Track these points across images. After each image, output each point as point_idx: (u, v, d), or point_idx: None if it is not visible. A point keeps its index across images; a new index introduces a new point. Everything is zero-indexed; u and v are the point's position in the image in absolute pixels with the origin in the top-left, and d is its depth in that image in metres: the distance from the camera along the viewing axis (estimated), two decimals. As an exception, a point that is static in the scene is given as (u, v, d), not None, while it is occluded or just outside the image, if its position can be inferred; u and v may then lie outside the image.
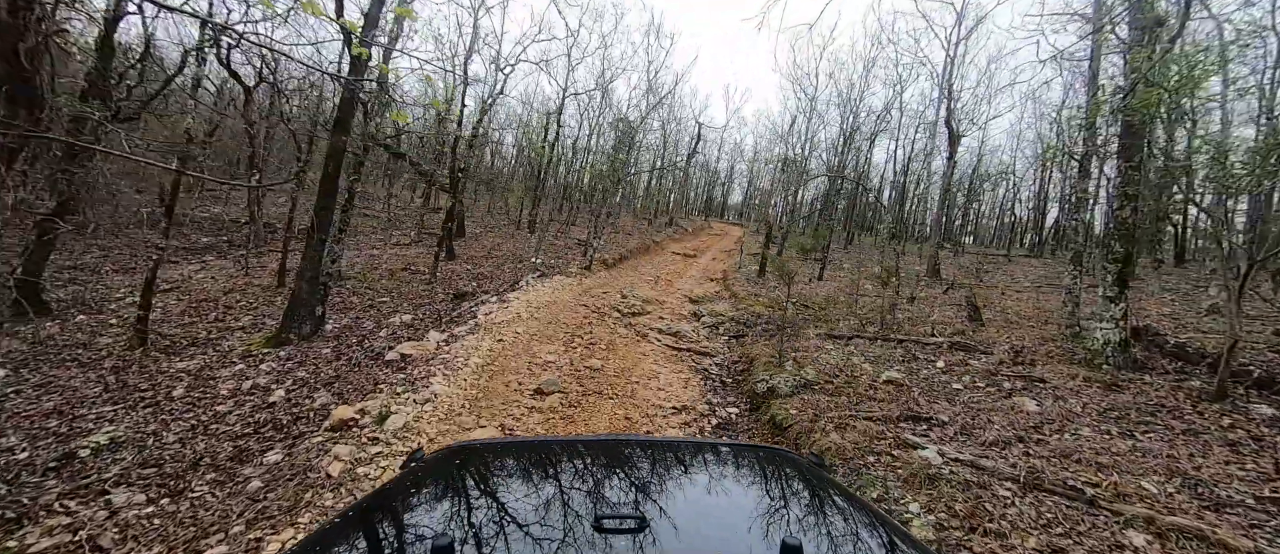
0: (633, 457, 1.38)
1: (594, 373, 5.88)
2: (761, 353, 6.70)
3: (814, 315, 9.40)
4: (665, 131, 26.62)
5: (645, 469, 1.29)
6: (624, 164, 14.05)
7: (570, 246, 15.72)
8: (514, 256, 13.13)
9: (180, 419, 4.28)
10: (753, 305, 10.14)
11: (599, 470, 1.27)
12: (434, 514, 1.06)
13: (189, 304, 7.81)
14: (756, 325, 8.72)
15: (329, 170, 6.42)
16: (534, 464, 1.28)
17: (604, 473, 1.26)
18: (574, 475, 1.24)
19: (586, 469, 1.28)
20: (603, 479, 1.22)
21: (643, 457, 1.37)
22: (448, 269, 11.15)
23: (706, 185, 43.99)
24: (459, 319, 7.16)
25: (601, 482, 1.21)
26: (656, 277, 13.39)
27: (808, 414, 4.52)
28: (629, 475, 1.24)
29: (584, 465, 1.30)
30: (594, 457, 1.36)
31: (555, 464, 1.29)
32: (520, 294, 8.80)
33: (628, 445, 1.52)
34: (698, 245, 21.95)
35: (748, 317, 9.21)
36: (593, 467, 1.29)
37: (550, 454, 1.37)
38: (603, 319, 8.44)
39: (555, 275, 10.92)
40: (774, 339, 7.64)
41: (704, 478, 1.30)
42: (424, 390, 4.37)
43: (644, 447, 1.49)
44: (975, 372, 5.47)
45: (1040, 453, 3.34)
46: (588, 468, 1.28)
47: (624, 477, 1.24)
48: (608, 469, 1.28)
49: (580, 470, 1.27)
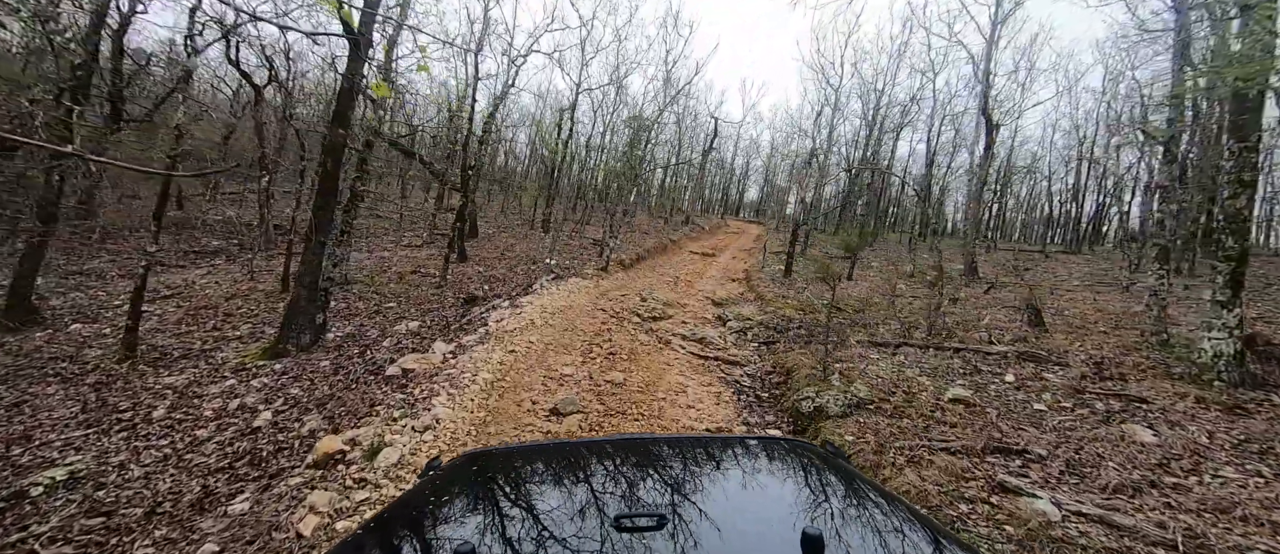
0: (649, 454, 1.37)
1: (616, 388, 5.29)
2: (800, 363, 6.04)
3: (851, 319, 8.69)
4: (681, 127, 25.93)
5: (662, 466, 1.28)
6: (640, 160, 13.43)
7: (585, 247, 15.17)
8: (527, 257, 12.62)
9: (154, 446, 3.80)
10: (781, 308, 9.46)
11: (616, 470, 1.26)
12: (453, 521, 1.06)
13: (188, 311, 7.42)
14: (788, 330, 8.04)
15: (327, 167, 5.93)
16: (551, 467, 1.28)
17: (621, 472, 1.25)
18: (591, 476, 1.23)
19: (603, 469, 1.27)
20: (620, 479, 1.22)
21: (659, 454, 1.36)
22: (459, 272, 10.67)
23: (722, 183, 43.17)
24: (468, 327, 6.63)
25: (619, 481, 1.20)
26: (676, 277, 12.76)
27: (868, 440, 3.86)
28: (646, 474, 1.24)
29: (600, 466, 1.29)
30: (610, 456, 1.34)
31: (572, 466, 1.28)
32: (534, 298, 8.25)
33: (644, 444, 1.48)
34: (716, 244, 21.25)
35: (777, 320, 8.53)
36: (609, 467, 1.28)
37: (566, 456, 1.35)
38: (622, 324, 7.85)
39: (570, 277, 10.37)
40: (811, 346, 6.98)
41: (722, 472, 1.28)
42: (425, 415, 3.81)
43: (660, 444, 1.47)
44: (1055, 388, 4.74)
45: (1186, 505, 2.65)
46: (604, 468, 1.27)
47: (641, 475, 1.23)
48: (624, 468, 1.27)
49: (597, 471, 1.26)
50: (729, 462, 1.33)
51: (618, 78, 18.56)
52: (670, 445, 1.45)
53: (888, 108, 19.92)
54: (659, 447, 1.44)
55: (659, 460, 1.32)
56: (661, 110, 13.07)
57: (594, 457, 1.35)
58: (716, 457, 1.35)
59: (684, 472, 1.26)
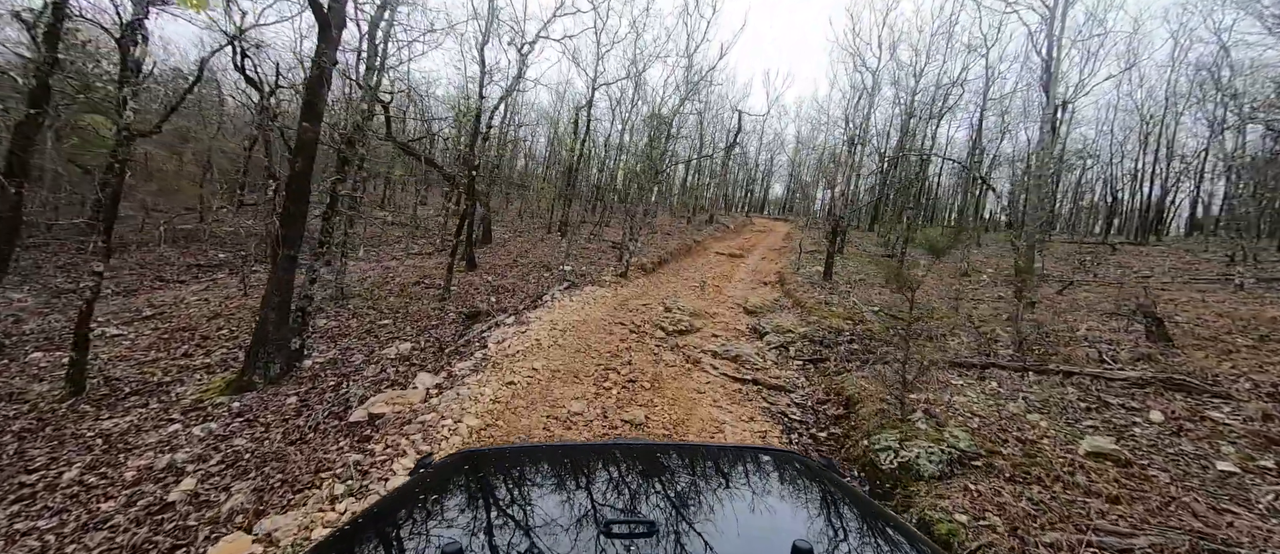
0: (641, 461, 1.34)
1: (636, 429, 4.24)
2: (864, 392, 4.88)
3: (912, 328, 7.45)
4: (702, 122, 24.75)
5: (655, 473, 1.27)
6: (661, 156, 12.36)
7: (604, 250, 14.19)
8: (541, 264, 11.70)
9: (38, 529, 2.93)
10: (826, 317, 8.25)
11: (608, 475, 1.25)
12: (443, 520, 1.04)
13: (163, 334, 6.71)
14: (837, 345, 6.86)
15: (296, 168, 5.06)
16: (543, 469, 1.27)
17: (613, 477, 1.24)
18: (584, 480, 1.22)
19: (596, 473, 1.26)
20: (612, 484, 1.21)
21: (652, 461, 1.35)
22: (466, 282, 9.80)
23: (746, 180, 41.72)
24: (464, 350, 5.69)
25: (611, 486, 1.19)
26: (702, 282, 11.64)
27: (992, 521, 2.71)
28: (638, 480, 1.23)
29: (593, 470, 1.27)
30: (604, 460, 1.33)
31: (565, 469, 1.27)
32: (544, 312, 7.27)
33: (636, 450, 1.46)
34: (743, 244, 20.01)
35: (823, 333, 7.34)
36: (603, 471, 1.27)
37: (559, 459, 1.35)
38: (643, 341, 6.80)
39: (586, 285, 9.37)
40: (872, 368, 5.79)
41: (714, 482, 1.26)
42: (379, 486, 2.84)
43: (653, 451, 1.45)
44: (1233, 435, 3.48)
45: None
46: (596, 473, 1.26)
47: (633, 481, 1.22)
48: (617, 474, 1.26)
49: (590, 475, 1.25)
50: (723, 471, 1.31)
51: (635, 71, 17.55)
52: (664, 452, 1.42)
53: (930, 91, 18.29)
54: (653, 453, 1.41)
55: (652, 466, 1.30)
56: (683, 100, 11.97)
57: (588, 460, 1.34)
58: (710, 465, 1.33)
59: (677, 479, 1.23)
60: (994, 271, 13.36)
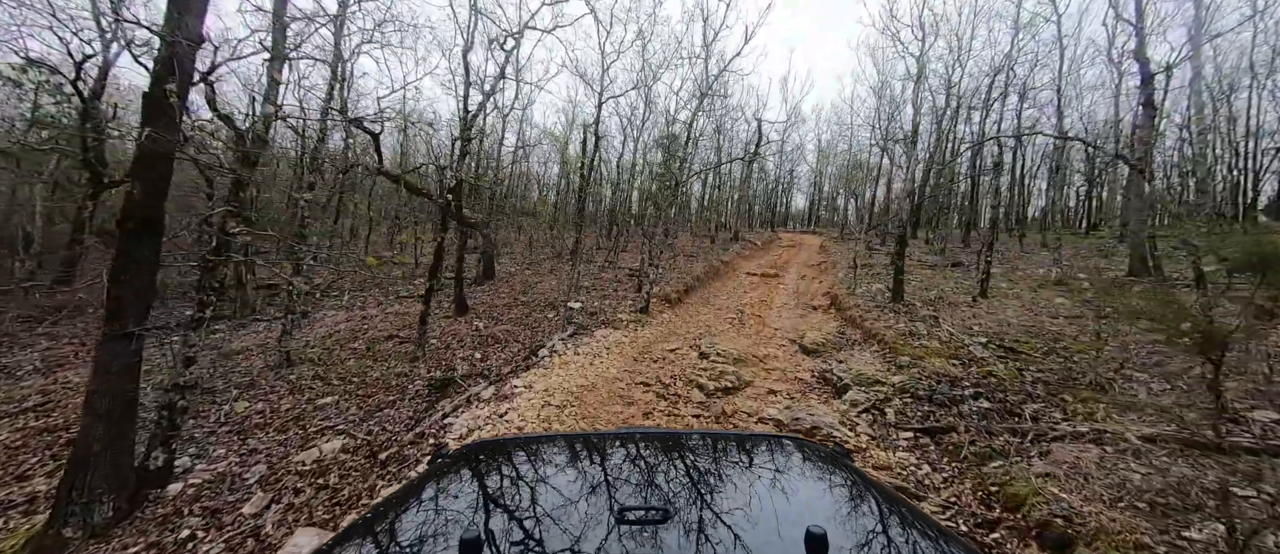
0: (655, 449, 1.35)
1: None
2: (1075, 513, 2.75)
3: (1041, 371, 5.25)
4: (719, 134, 22.99)
5: (668, 461, 1.27)
6: (679, 167, 10.51)
7: (620, 280, 12.29)
8: (547, 302, 9.85)
9: None
10: (920, 356, 6.11)
11: (622, 463, 1.26)
12: (461, 509, 1.05)
13: (29, 435, 4.99)
14: (960, 401, 4.73)
15: (134, 196, 3.31)
16: (558, 458, 1.28)
17: (627, 465, 1.24)
18: (598, 468, 1.22)
19: (610, 461, 1.26)
20: (626, 472, 1.21)
21: (665, 449, 1.35)
22: (450, 331, 7.97)
23: (765, 193, 39.71)
24: (412, 448, 3.77)
25: (625, 474, 1.20)
26: (739, 311, 9.60)
27: None
28: (652, 467, 1.23)
29: (608, 458, 1.27)
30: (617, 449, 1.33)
31: (579, 458, 1.29)
32: (538, 374, 5.34)
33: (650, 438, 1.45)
34: (775, 261, 17.91)
35: (928, 382, 5.21)
36: (616, 460, 1.27)
37: (574, 448, 1.35)
38: (676, 409, 4.81)
39: (598, 328, 7.44)
40: (1041, 444, 3.67)
41: (727, 469, 1.26)
42: None
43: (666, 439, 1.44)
44: None
45: None
46: (611, 460, 1.26)
47: (647, 469, 1.23)
48: (631, 462, 1.26)
49: (604, 463, 1.25)
50: (735, 458, 1.31)
51: (644, 80, 15.93)
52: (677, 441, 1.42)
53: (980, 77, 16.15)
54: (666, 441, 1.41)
55: (665, 454, 1.30)
56: (703, 96, 10.14)
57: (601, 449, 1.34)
58: (723, 452, 1.34)
59: (690, 466, 1.23)
60: (1092, 282, 10.95)
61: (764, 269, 15.52)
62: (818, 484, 1.21)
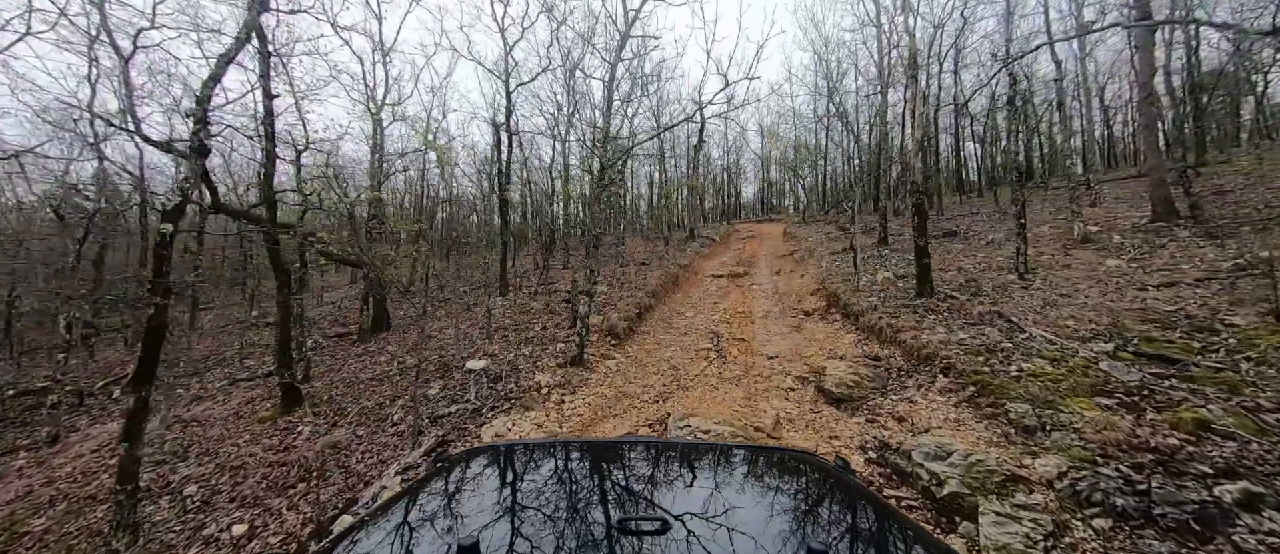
0: (656, 459, 1.31)
1: None
2: None
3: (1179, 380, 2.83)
4: (658, 121, 20.45)
5: (668, 471, 1.24)
6: (606, 144, 7.74)
7: (553, 309, 9.35)
8: (439, 363, 6.79)
9: None
10: (1043, 398, 3.56)
11: (623, 472, 1.23)
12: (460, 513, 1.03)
13: None
14: (1127, 490, 2.21)
15: None
16: (557, 466, 1.24)
17: (628, 474, 1.22)
18: (597, 477, 1.19)
19: (610, 471, 1.22)
20: (626, 481, 1.18)
21: (666, 459, 1.31)
22: (244, 455, 4.80)
23: (715, 187, 37.66)
24: None
25: (625, 483, 1.17)
26: (714, 335, 6.91)
27: None
28: (652, 477, 1.21)
29: (607, 467, 1.24)
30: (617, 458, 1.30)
31: (579, 465, 1.25)
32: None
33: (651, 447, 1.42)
34: (739, 257, 15.43)
35: (1113, 473, 2.65)
36: (616, 468, 1.24)
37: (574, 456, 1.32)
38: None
39: (500, 411, 4.51)
40: None
41: (728, 480, 1.20)
42: None
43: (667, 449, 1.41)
44: None
45: None
46: (611, 469, 1.23)
47: (647, 478, 1.20)
48: (631, 471, 1.24)
49: (604, 472, 1.21)
50: (737, 471, 1.27)
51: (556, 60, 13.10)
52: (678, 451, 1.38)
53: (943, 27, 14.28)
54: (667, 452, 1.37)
55: (666, 465, 1.27)
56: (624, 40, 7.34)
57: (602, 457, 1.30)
58: (724, 465, 1.30)
59: (691, 478, 1.19)
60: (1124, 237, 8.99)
61: (730, 268, 12.94)
62: (821, 499, 1.16)
